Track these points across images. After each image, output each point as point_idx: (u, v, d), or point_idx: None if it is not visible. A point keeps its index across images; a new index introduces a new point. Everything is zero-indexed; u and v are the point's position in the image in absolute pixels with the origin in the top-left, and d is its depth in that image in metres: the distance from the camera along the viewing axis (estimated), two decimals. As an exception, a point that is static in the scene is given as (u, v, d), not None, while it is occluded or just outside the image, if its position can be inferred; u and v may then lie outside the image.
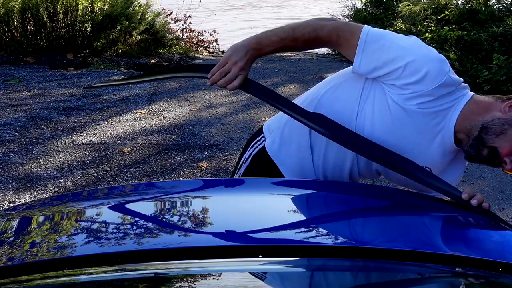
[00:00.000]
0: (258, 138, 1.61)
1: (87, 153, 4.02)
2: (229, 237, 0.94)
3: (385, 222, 1.15)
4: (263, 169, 1.54)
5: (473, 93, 1.36)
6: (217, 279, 0.84)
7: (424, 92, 1.27)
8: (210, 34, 9.00)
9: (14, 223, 1.12)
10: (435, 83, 1.26)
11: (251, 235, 0.97)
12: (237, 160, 1.72)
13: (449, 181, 1.46)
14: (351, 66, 1.38)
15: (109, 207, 1.15)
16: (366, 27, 1.33)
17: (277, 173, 1.52)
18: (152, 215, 1.08)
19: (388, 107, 1.33)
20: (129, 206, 1.16)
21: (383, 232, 1.08)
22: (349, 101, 1.39)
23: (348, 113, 1.39)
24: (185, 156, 4.05)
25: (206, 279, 0.83)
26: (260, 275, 0.87)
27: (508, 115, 1.29)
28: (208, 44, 9.13)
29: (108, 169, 3.76)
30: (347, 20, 8.08)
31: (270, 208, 1.17)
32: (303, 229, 1.04)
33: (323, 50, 8.91)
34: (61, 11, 7.13)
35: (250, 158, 1.59)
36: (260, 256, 0.85)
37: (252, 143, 1.62)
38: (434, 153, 1.37)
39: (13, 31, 7.09)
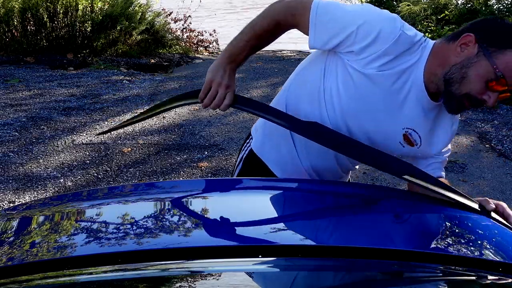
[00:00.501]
0: (248, 141, 1.64)
1: (87, 153, 4.02)
2: (229, 237, 0.94)
3: (385, 222, 1.15)
4: (253, 169, 1.56)
5: (433, 41, 1.32)
6: (217, 279, 0.84)
7: (380, 52, 1.25)
8: (210, 34, 9.00)
9: (14, 223, 1.12)
10: (389, 40, 1.24)
11: (251, 235, 0.97)
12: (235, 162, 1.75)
13: (444, 142, 1.43)
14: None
15: (109, 207, 1.15)
16: (316, 1, 1.30)
17: (267, 173, 1.53)
18: (152, 215, 1.08)
19: (351, 77, 1.31)
20: (129, 206, 1.16)
21: (383, 232, 1.08)
22: (314, 81, 1.39)
23: (315, 93, 1.39)
24: (185, 156, 4.05)
25: (206, 279, 0.83)
26: (260, 275, 0.87)
27: (462, 56, 1.24)
28: (208, 44, 9.12)
29: (108, 169, 3.76)
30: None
31: (270, 208, 1.17)
32: (303, 229, 1.04)
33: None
34: (61, 11, 7.13)
35: (241, 162, 1.62)
36: (260, 256, 0.85)
37: (243, 147, 1.66)
38: (413, 113, 1.35)
39: (13, 31, 7.09)
